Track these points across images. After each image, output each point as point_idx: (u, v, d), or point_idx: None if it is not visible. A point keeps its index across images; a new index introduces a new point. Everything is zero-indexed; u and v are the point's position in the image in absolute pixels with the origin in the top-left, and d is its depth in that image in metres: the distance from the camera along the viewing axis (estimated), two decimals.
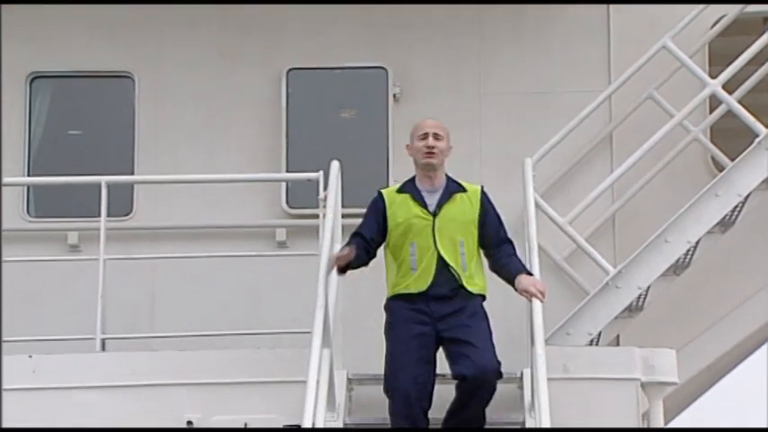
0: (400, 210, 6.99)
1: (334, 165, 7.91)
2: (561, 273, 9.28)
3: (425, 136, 7.04)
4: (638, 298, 8.67)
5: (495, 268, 7.08)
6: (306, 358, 6.67)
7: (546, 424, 6.71)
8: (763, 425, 17.11)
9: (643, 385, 7.90)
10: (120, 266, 8.70)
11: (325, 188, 7.92)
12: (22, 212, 9.51)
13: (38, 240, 9.41)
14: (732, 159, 8.86)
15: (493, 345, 6.90)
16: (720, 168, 9.07)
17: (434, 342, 6.87)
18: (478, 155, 9.38)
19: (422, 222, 6.93)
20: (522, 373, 7.60)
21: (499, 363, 6.87)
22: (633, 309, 8.76)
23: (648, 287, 8.63)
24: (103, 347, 8.31)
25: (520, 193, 8.20)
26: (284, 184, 9.34)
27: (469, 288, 6.93)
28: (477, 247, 7.05)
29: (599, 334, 8.61)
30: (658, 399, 7.99)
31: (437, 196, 7.02)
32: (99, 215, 8.40)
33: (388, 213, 7.01)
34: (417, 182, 7.10)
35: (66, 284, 9.14)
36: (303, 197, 9.12)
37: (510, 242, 7.12)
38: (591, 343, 8.54)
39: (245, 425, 7.59)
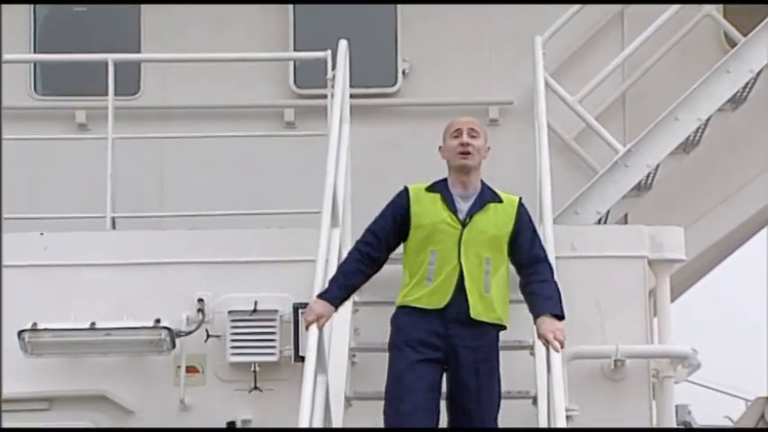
0: (427, 210, 6.15)
1: (342, 44, 7.84)
2: (570, 152, 9.28)
3: (459, 133, 6.19)
4: (647, 176, 8.68)
5: (524, 292, 6.25)
6: (315, 237, 6.69)
7: None
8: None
9: (650, 262, 7.96)
10: (128, 146, 8.69)
11: (333, 68, 7.87)
12: (30, 90, 9.49)
13: (45, 119, 9.40)
14: (744, 35, 8.77)
15: (498, 403, 6.22)
16: (732, 44, 8.99)
17: (442, 369, 6.11)
18: (488, 35, 9.29)
19: (449, 230, 6.10)
20: None
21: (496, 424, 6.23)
22: (642, 187, 8.77)
23: (658, 165, 8.63)
24: (114, 226, 8.34)
25: (529, 72, 8.14)
26: (292, 64, 9.29)
27: (486, 318, 6.12)
28: (505, 266, 6.22)
29: (607, 213, 8.64)
30: (665, 276, 8.06)
31: (469, 203, 6.17)
32: (106, 94, 8.36)
33: (412, 212, 6.17)
34: (450, 185, 6.23)
35: (75, 163, 9.17)
36: (311, 77, 9.06)
37: (545, 261, 6.29)
38: (599, 222, 8.57)
39: (255, 304, 7.66)
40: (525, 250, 6.19)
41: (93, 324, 7.58)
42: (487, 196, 6.19)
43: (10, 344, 7.53)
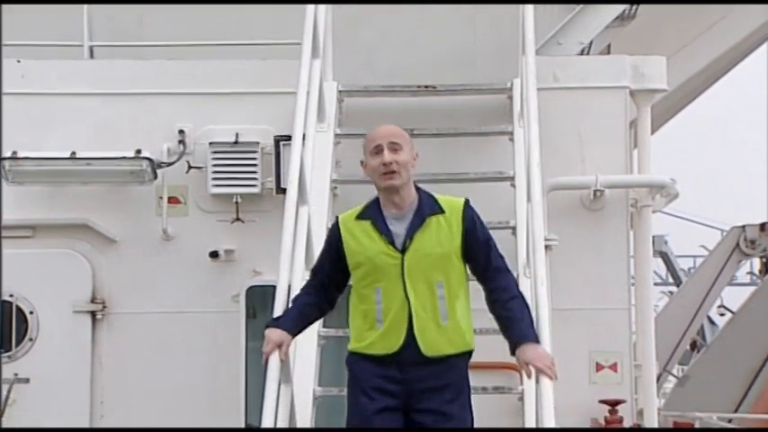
0: (360, 244, 5.32)
1: None
2: None
3: (379, 149, 5.32)
4: (630, 7, 8.59)
5: (493, 309, 5.38)
6: (296, 69, 6.64)
7: (534, 133, 6.81)
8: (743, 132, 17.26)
9: (632, 93, 7.99)
10: None
11: None
12: None
13: None
14: None
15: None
16: None
17: (402, 417, 5.30)
18: None
19: (388, 261, 5.26)
20: (511, 83, 7.62)
21: None
22: (625, 17, 8.70)
23: None
24: (92, 55, 8.27)
25: None
26: None
27: (449, 351, 5.29)
28: (462, 283, 5.38)
29: (590, 43, 8.59)
30: (647, 106, 8.09)
31: (406, 223, 5.30)
32: None
33: (345, 249, 5.36)
34: (382, 205, 5.38)
35: None
36: None
37: (507, 271, 5.41)
38: (582, 52, 8.53)
39: (237, 136, 7.67)
40: (482, 262, 5.36)
41: (73, 153, 7.59)
42: (426, 209, 5.33)
43: None
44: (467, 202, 5.41)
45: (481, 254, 5.35)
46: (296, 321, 5.41)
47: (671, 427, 8.63)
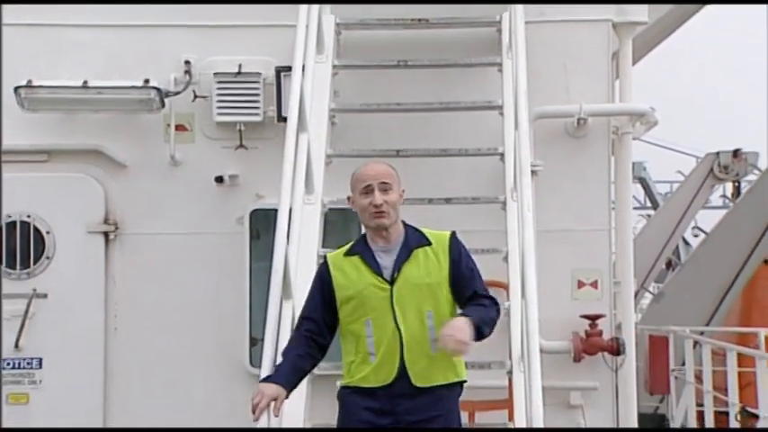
0: (349, 278, 5.07)
1: None
2: None
3: (369, 190, 5.08)
4: None
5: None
6: (296, 4, 6.55)
7: (522, 64, 6.77)
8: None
9: (615, 25, 7.89)
10: None
11: None
12: None
13: None
14: None
15: None
16: None
17: None
18: None
19: (378, 293, 5.02)
20: (500, 17, 7.52)
21: None
22: None
23: None
24: None
25: None
26: None
27: (440, 381, 5.04)
28: (452, 313, 5.10)
29: None
30: (628, 38, 8.01)
31: (394, 255, 5.08)
32: None
33: (335, 286, 5.08)
34: (369, 240, 5.15)
35: None
36: None
37: (488, 297, 5.13)
38: None
39: (239, 67, 7.59)
40: (465, 289, 5.10)
41: (85, 82, 7.53)
42: (413, 242, 5.11)
43: (9, 100, 7.51)
44: (453, 233, 5.19)
45: (464, 282, 5.09)
46: (289, 377, 5.04)
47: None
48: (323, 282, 5.13)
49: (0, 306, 7.48)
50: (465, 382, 5.15)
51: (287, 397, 5.01)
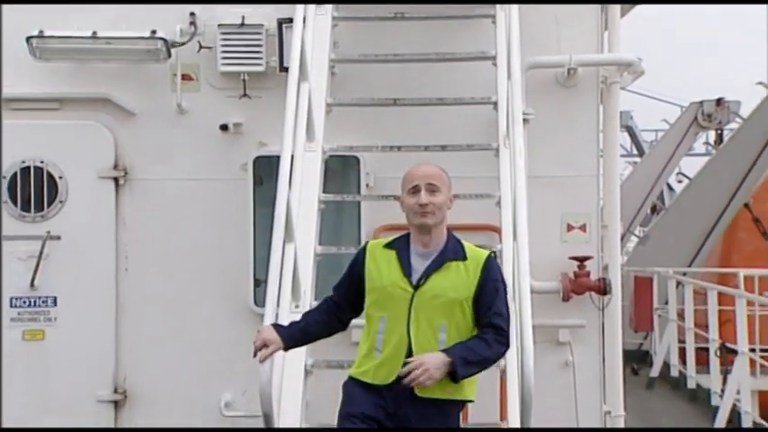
0: (380, 271, 4.96)
1: None
2: None
3: (416, 189, 4.96)
4: None
5: None
6: None
7: (515, 16, 6.75)
8: None
9: None
10: None
11: None
12: None
13: None
14: None
15: None
16: None
17: None
18: None
19: (400, 293, 4.89)
20: None
21: None
22: None
23: None
24: None
25: None
26: None
27: (439, 395, 4.85)
28: (468, 332, 4.89)
29: None
30: None
31: (428, 262, 4.94)
32: None
33: (366, 272, 4.98)
34: (411, 240, 5.02)
35: None
36: None
37: (497, 327, 4.89)
38: None
39: (243, 19, 7.53)
40: (482, 314, 4.89)
41: (94, 33, 7.49)
42: (450, 253, 4.95)
43: (22, 51, 7.48)
44: (491, 255, 5.01)
45: (486, 306, 4.87)
46: (294, 335, 5.01)
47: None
48: (356, 265, 5.04)
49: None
50: (472, 401, 4.97)
51: (285, 350, 5.01)
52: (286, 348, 5.02)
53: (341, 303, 5.08)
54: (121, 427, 7.63)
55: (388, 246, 5.01)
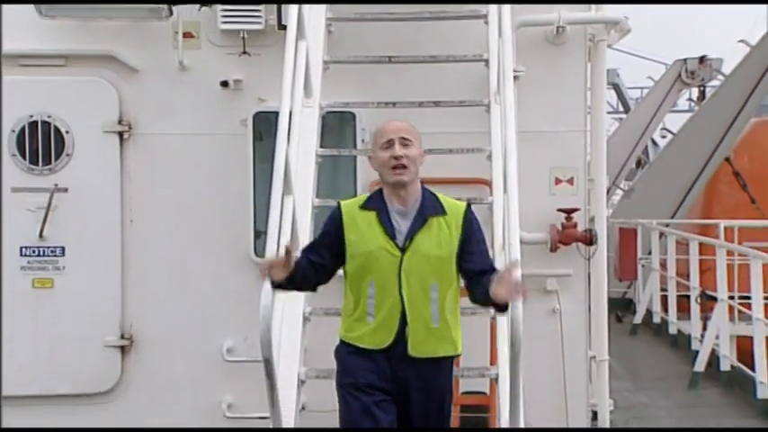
0: (361, 235, 4.77)
1: None
2: None
3: (390, 144, 4.78)
4: None
5: (477, 292, 4.79)
6: None
7: None
8: None
9: None
10: None
11: None
12: None
13: None
14: None
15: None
16: None
17: (395, 406, 4.82)
18: None
19: (387, 257, 4.74)
20: None
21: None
22: None
23: None
24: None
25: None
26: None
27: (436, 353, 4.81)
28: (454, 288, 4.85)
29: None
30: None
31: (409, 221, 4.78)
32: None
33: (346, 236, 4.79)
34: (386, 199, 4.83)
35: None
36: None
37: (495, 270, 4.83)
38: None
39: None
40: (473, 267, 4.80)
41: None
42: (429, 209, 4.81)
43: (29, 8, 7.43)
44: (468, 206, 4.90)
45: (475, 254, 4.81)
46: (294, 276, 4.76)
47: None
48: (334, 228, 4.82)
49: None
50: (459, 355, 4.93)
51: (285, 282, 4.76)
52: (286, 281, 4.77)
53: (319, 263, 4.83)
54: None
55: (365, 207, 4.83)
